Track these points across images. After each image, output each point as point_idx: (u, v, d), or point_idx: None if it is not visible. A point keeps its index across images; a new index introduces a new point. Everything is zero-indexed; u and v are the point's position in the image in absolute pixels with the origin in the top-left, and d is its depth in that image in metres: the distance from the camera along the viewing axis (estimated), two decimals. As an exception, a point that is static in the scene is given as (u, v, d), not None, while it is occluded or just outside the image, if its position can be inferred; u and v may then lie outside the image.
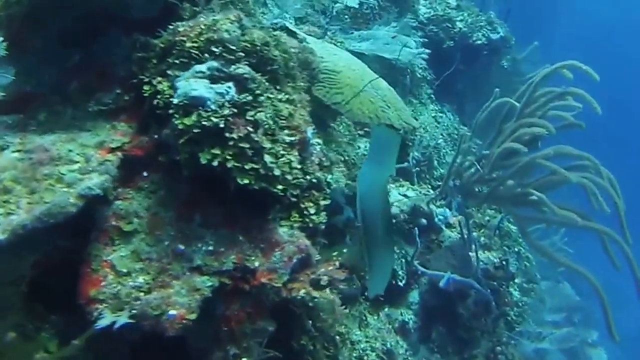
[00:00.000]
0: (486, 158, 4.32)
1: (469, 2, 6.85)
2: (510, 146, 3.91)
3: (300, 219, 2.00)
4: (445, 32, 6.13)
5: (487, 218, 5.41)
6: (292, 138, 1.98)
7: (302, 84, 2.29)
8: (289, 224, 1.96)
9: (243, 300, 1.86)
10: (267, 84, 1.98)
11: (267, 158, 1.85)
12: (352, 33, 4.66)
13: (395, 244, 4.07)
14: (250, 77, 1.90)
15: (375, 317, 3.95)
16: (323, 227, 2.07)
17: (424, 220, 4.78)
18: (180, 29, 1.95)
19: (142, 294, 1.72)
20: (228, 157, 1.81)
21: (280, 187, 1.87)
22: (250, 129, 1.85)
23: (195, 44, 1.91)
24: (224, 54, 1.90)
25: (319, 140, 2.25)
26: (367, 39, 4.23)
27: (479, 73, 6.33)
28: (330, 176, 2.14)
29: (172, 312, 1.68)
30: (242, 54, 1.95)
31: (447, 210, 4.93)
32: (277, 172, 1.85)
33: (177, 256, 1.80)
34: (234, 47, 1.92)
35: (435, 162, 5.78)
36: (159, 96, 1.89)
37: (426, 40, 6.22)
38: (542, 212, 4.06)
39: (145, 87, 1.94)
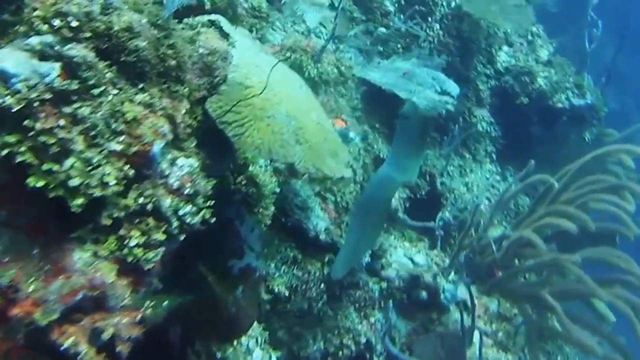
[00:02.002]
0: (507, 240, 3.71)
1: (566, 61, 6.14)
2: (528, 237, 3.29)
3: (116, 249, 1.67)
4: (522, 86, 5.52)
5: (515, 311, 4.68)
6: (125, 148, 1.66)
7: (194, 91, 1.98)
8: (93, 250, 1.63)
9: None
10: (113, 76, 1.69)
11: (70, 162, 1.55)
12: (379, 61, 4.27)
13: (372, 244, 3.78)
14: (83, 63, 1.62)
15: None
16: (152, 265, 1.72)
17: (424, 293, 4.22)
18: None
19: None
20: (24, 149, 1.53)
21: (79, 201, 1.56)
22: (62, 123, 1.56)
23: (41, 13, 1.67)
24: (64, 30, 1.64)
25: (193, 162, 1.91)
26: (385, 69, 3.81)
27: (554, 141, 5.60)
28: (189, 207, 1.79)
29: None
30: (89, 35, 1.67)
31: (459, 288, 4.31)
32: (75, 183, 1.54)
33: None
34: (77, 24, 1.64)
35: (472, 231, 5.14)
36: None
37: (498, 91, 5.65)
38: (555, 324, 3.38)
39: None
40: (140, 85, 1.79)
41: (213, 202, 1.93)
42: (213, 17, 2.25)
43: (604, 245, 3.62)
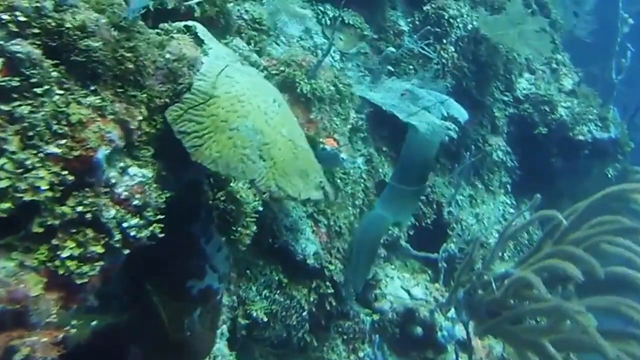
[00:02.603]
0: (509, 278, 3.52)
1: (592, 91, 5.95)
2: (528, 279, 3.11)
3: (47, 260, 1.58)
4: (541, 115, 5.34)
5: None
6: (66, 152, 1.58)
7: (156, 97, 1.90)
8: (20, 259, 1.54)
9: None
10: (60, 76, 1.62)
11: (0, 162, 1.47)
12: (385, 80, 4.16)
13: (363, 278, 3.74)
14: (27, 59, 1.55)
15: None
16: (86, 280, 1.62)
17: (419, 329, 4.04)
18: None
19: None
20: (-49, 147, 1.46)
21: (5, 205, 1.47)
22: (-4, 122, 1.49)
23: (-8, 7, 1.61)
24: (10, 25, 1.58)
25: (146, 172, 1.82)
26: (387, 89, 3.69)
27: (574, 175, 5.39)
28: (136, 220, 1.69)
29: None
30: (37, 32, 1.61)
31: (458, 327, 4.11)
32: (2, 185, 1.46)
33: None
34: (25, 19, 1.58)
35: (479, 264, 4.94)
36: None
37: (516, 119, 5.48)
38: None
39: None
40: (92, 87, 1.71)
41: (164, 216, 1.83)
42: (190, 23, 2.18)
43: (625, 290, 3.42)
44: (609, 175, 5.43)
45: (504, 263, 4.89)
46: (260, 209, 2.92)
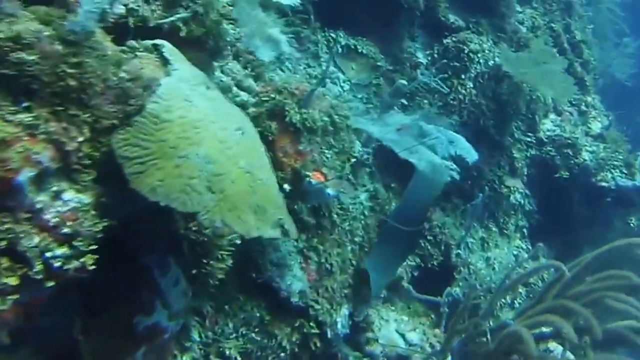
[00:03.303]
0: (506, 330, 3.25)
1: (622, 136, 5.63)
2: (520, 334, 2.84)
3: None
4: (564, 159, 5.06)
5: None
6: (-19, 171, 1.44)
7: (103, 118, 1.76)
8: None
9: None
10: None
11: None
12: (394, 113, 3.97)
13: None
14: (-52, 71, 1.43)
15: None
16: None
17: (411, 379, 3.77)
18: None
19: None
20: None
21: None
22: None
23: None
24: (-64, 34, 1.47)
25: (83, 197, 1.68)
26: (388, 123, 3.50)
27: (596, 222, 5.06)
28: (62, 250, 1.54)
29: None
30: (-35, 42, 1.49)
31: (455, 379, 3.82)
32: None
33: None
34: (-49, 28, 1.47)
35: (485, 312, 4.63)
36: None
37: (537, 161, 5.20)
38: None
39: None
40: (25, 104, 1.58)
41: (106, 245, 1.68)
42: (158, 41, 2.05)
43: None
44: (632, 225, 5.07)
45: (512, 311, 4.59)
46: (238, 241, 2.75)
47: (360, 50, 4.35)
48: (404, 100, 4.49)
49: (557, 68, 4.50)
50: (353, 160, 4.09)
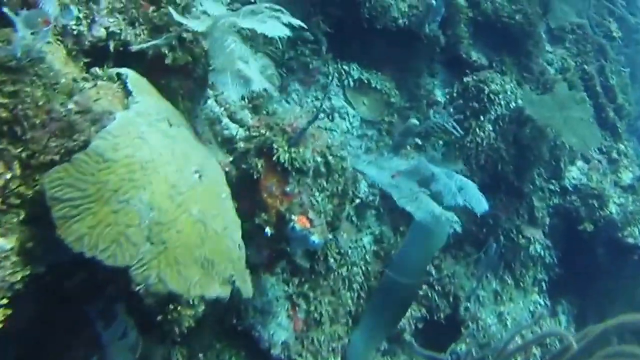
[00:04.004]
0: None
1: (655, 188, 5.25)
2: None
3: None
4: (589, 210, 4.71)
5: None
6: None
7: (41, 153, 1.58)
8: None
9: None
10: None
11: None
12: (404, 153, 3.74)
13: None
14: None
15: None
16: None
17: None
18: None
19: None
20: None
21: None
22: None
23: None
24: None
25: (4, 243, 1.49)
26: (382, 167, 3.25)
27: (621, 281, 4.68)
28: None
29: None
30: None
31: None
32: None
33: None
34: None
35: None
36: None
37: (561, 211, 4.86)
38: None
39: None
40: (-56, 135, 1.41)
41: (33, 294, 1.48)
42: (123, 70, 1.88)
43: None
44: (661, 287, 4.67)
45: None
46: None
47: (373, 85, 4.14)
48: (418, 140, 4.25)
49: (581, 115, 4.20)
50: (357, 201, 3.87)
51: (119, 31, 2.31)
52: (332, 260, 3.46)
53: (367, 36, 4.08)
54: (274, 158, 2.61)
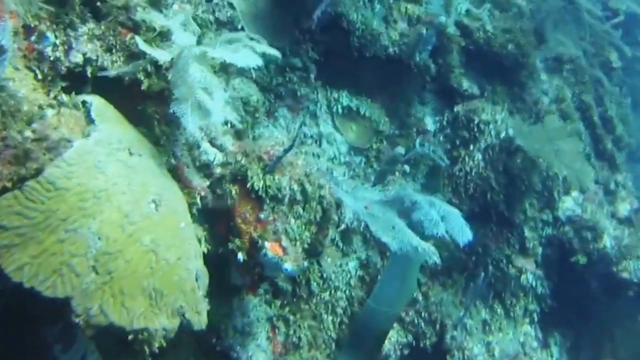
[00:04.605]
0: None
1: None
2: None
3: None
4: (582, 242, 4.65)
5: None
6: None
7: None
8: None
9: None
10: None
11: None
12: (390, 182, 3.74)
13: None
14: None
15: None
16: None
17: None
18: None
19: None
20: None
21: None
22: None
23: None
24: None
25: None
26: (357, 197, 3.23)
27: (616, 316, 4.59)
28: None
29: None
30: None
31: None
32: None
33: None
34: None
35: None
36: None
37: (554, 242, 4.81)
38: None
39: None
40: None
41: None
42: (88, 98, 1.91)
43: None
44: (657, 324, 4.57)
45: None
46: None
47: (362, 112, 4.16)
48: (406, 167, 4.25)
49: (572, 148, 4.17)
50: (343, 226, 3.86)
51: (95, 57, 2.36)
52: (314, 284, 3.45)
53: (357, 64, 4.10)
54: (248, 185, 2.62)
